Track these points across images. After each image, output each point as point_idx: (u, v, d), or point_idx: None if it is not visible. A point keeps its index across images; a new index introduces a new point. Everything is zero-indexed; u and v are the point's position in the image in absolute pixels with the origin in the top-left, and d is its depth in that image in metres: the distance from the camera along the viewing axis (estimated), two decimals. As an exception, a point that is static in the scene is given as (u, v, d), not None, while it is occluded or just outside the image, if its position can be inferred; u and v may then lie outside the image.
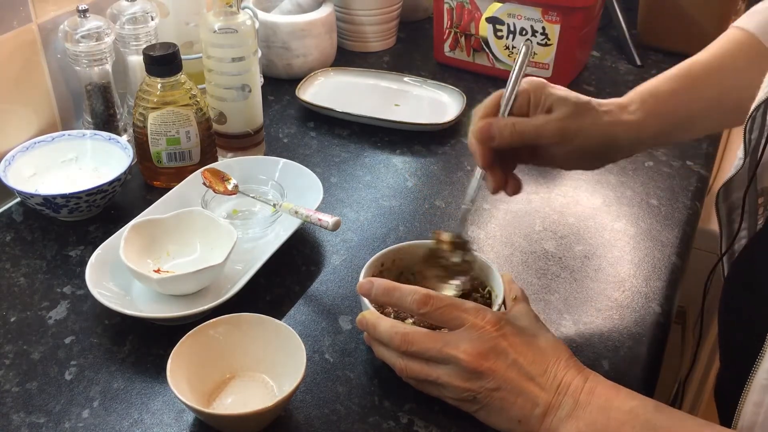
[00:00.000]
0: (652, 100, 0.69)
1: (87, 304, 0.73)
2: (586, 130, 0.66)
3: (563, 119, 0.66)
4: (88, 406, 0.63)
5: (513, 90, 0.67)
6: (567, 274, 0.80)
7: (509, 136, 0.66)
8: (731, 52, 0.71)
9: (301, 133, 1.04)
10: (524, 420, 0.58)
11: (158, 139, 0.86)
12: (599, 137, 0.67)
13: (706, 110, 0.71)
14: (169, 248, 0.77)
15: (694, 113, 0.71)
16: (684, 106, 0.70)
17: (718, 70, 0.70)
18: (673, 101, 0.69)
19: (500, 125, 0.66)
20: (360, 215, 0.88)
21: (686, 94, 0.70)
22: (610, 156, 0.71)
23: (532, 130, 0.66)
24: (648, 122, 0.68)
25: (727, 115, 0.72)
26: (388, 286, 0.63)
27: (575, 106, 0.66)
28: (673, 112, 0.69)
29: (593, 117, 0.67)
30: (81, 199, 0.80)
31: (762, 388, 0.52)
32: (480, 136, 0.66)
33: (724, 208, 0.70)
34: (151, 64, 0.84)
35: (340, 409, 0.64)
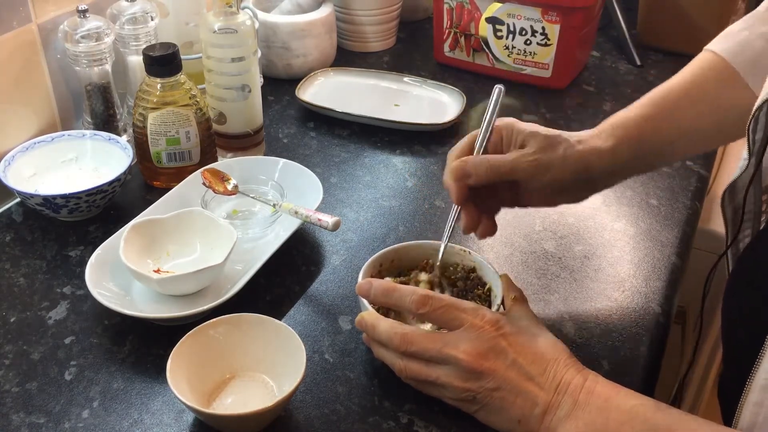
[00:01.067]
0: (621, 127, 0.70)
1: (87, 304, 0.73)
2: (559, 160, 0.68)
3: (536, 152, 0.67)
4: (88, 407, 0.63)
5: (487, 130, 0.69)
6: (567, 274, 0.80)
7: (485, 171, 0.67)
8: (702, 76, 0.71)
9: (300, 133, 1.04)
10: (524, 420, 0.58)
11: (158, 139, 0.86)
12: (573, 166, 0.68)
13: (682, 135, 0.71)
14: (169, 248, 0.77)
15: (669, 138, 0.71)
16: (655, 133, 0.70)
17: (689, 95, 0.71)
18: (643, 127, 0.70)
19: (475, 162, 0.68)
20: (360, 215, 0.88)
21: (657, 121, 0.70)
22: (590, 186, 0.71)
23: (507, 164, 0.67)
24: (620, 149, 0.69)
25: (706, 138, 0.73)
26: (387, 287, 0.64)
27: (546, 138, 0.68)
28: (645, 137, 0.69)
29: (564, 147, 0.68)
30: (81, 199, 0.80)
31: (762, 389, 0.52)
32: (456, 174, 0.68)
33: (729, 209, 0.70)
34: (151, 65, 0.84)
35: (340, 409, 0.64)
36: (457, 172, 0.68)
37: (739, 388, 0.54)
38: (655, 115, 0.70)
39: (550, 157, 0.67)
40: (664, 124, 0.70)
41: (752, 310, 0.60)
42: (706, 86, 0.71)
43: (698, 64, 0.73)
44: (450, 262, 0.72)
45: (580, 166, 0.68)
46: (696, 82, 0.71)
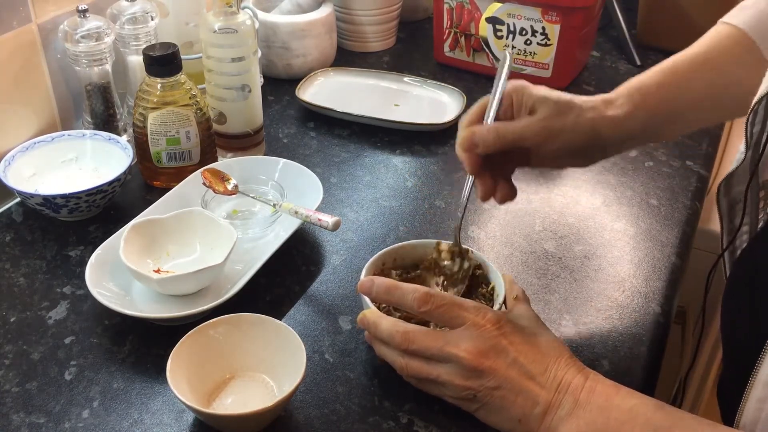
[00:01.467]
0: (638, 94, 0.69)
1: (87, 304, 0.73)
2: (569, 127, 0.67)
3: (545, 119, 0.66)
4: (88, 406, 0.63)
5: (496, 97, 0.68)
6: (567, 274, 0.80)
7: (493, 141, 0.66)
8: (719, 47, 0.70)
9: (300, 133, 1.04)
10: (524, 419, 0.58)
11: (158, 139, 0.86)
12: (583, 134, 0.67)
13: (694, 105, 0.70)
14: (169, 248, 0.77)
15: (681, 108, 0.70)
16: (671, 100, 0.69)
17: (705, 65, 0.70)
18: (660, 95, 0.69)
19: (483, 132, 0.67)
20: (360, 215, 0.88)
21: (673, 88, 0.69)
22: (599, 152, 0.71)
23: (516, 132, 0.67)
24: (634, 116, 0.68)
25: (715, 110, 0.72)
26: (389, 285, 0.63)
27: (556, 105, 0.67)
28: (660, 105, 0.69)
29: (575, 114, 0.67)
30: (81, 199, 0.80)
31: (765, 385, 0.51)
32: (465, 144, 0.67)
33: (725, 202, 0.70)
34: (151, 64, 0.84)
35: (340, 409, 0.64)
36: (466, 142, 0.67)
37: (740, 386, 0.54)
38: (672, 83, 0.69)
39: (559, 124, 0.66)
40: (679, 92, 0.69)
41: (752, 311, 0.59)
42: (722, 57, 0.70)
43: (714, 35, 0.72)
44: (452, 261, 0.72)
45: (590, 134, 0.67)
46: (712, 53, 0.71)
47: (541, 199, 0.92)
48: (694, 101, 0.70)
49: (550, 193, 0.93)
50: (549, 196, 0.92)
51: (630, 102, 0.68)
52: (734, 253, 0.70)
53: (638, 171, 0.97)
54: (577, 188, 0.94)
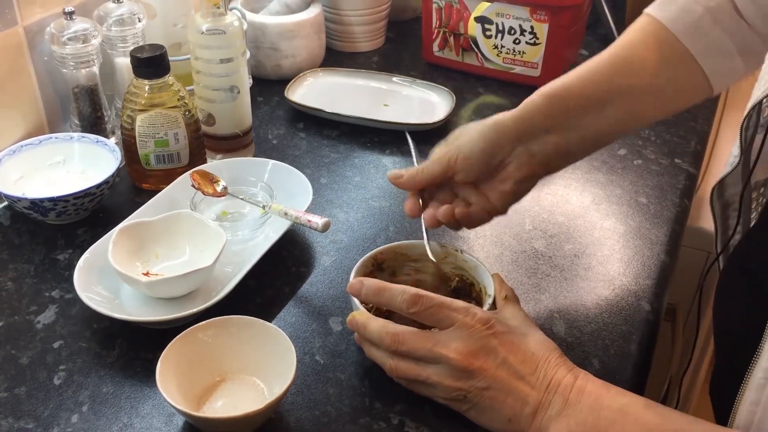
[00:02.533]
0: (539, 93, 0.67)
1: (75, 308, 0.73)
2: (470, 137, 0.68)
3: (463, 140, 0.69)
4: (77, 411, 0.63)
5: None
6: (557, 273, 0.80)
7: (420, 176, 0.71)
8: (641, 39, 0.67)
9: (290, 134, 1.03)
10: (514, 419, 0.58)
11: (146, 141, 0.86)
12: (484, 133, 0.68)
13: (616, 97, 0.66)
14: (157, 251, 0.76)
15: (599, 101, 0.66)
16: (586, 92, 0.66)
17: (627, 57, 0.67)
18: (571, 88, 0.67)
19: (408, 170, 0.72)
20: (350, 216, 0.88)
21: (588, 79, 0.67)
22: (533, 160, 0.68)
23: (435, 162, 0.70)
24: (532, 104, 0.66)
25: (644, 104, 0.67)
26: (378, 286, 0.63)
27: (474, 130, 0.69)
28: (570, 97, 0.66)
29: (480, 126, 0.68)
30: (68, 202, 0.80)
31: (759, 387, 0.52)
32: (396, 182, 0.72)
33: (718, 205, 0.70)
34: (139, 66, 0.83)
35: (331, 411, 0.63)
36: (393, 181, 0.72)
37: (734, 385, 0.54)
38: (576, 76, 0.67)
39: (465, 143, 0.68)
40: (597, 84, 0.66)
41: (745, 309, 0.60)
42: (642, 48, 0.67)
43: (636, 27, 0.69)
44: (442, 261, 0.72)
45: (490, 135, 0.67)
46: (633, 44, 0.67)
47: (530, 198, 0.91)
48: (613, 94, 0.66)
49: (540, 191, 0.93)
50: (538, 195, 0.92)
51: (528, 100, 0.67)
52: (727, 253, 0.70)
53: (627, 169, 0.98)
54: (567, 187, 0.94)
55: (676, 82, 0.65)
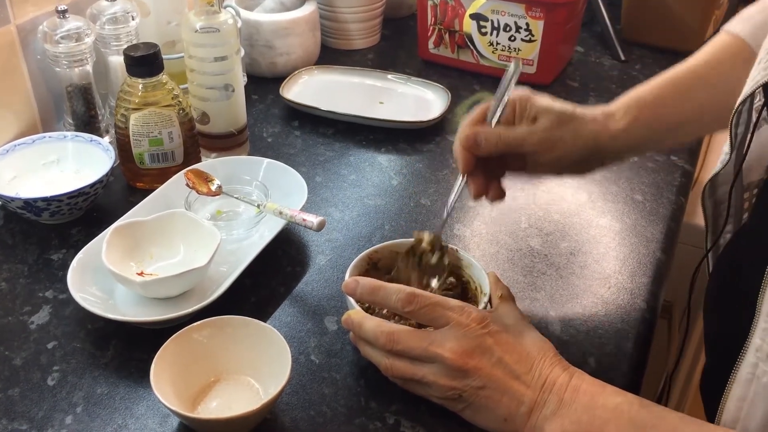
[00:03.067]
0: (636, 108, 0.70)
1: (69, 308, 0.73)
2: (569, 139, 0.69)
3: (547, 129, 0.68)
4: (72, 412, 0.63)
5: (502, 101, 0.69)
6: (553, 271, 0.80)
7: (494, 144, 0.68)
8: (720, 57, 0.71)
9: (285, 132, 1.03)
10: (510, 418, 0.58)
11: (140, 140, 0.86)
12: (582, 146, 0.69)
13: (693, 118, 0.71)
14: (152, 251, 0.76)
15: (680, 120, 0.71)
16: (670, 114, 0.70)
17: (706, 77, 0.71)
18: (658, 109, 0.70)
19: (487, 134, 0.68)
20: (345, 214, 0.87)
21: (671, 101, 0.70)
22: (598, 162, 0.73)
23: (518, 138, 0.68)
24: (633, 131, 0.70)
25: (715, 122, 0.72)
26: (373, 285, 0.63)
27: (558, 116, 0.68)
28: (658, 119, 0.70)
29: (576, 126, 0.69)
30: (62, 202, 0.79)
31: (745, 383, 0.52)
32: (466, 143, 0.68)
33: (710, 203, 0.70)
34: (132, 65, 0.83)
35: (326, 411, 0.63)
36: (468, 140, 0.68)
37: (723, 383, 0.54)
38: (670, 96, 0.70)
39: (560, 135, 0.68)
40: (679, 104, 0.70)
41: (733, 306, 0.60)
42: (722, 66, 0.71)
43: (715, 44, 0.73)
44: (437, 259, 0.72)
45: (590, 144, 0.69)
46: (713, 62, 0.71)
47: (526, 196, 0.92)
48: (694, 114, 0.71)
49: (536, 189, 0.93)
50: (534, 193, 0.92)
51: (628, 115, 0.69)
52: (718, 251, 0.70)
53: (623, 166, 0.97)
54: (563, 184, 0.94)
55: None
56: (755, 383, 0.51)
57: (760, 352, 0.50)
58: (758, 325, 0.51)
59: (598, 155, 0.71)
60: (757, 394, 0.51)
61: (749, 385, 0.51)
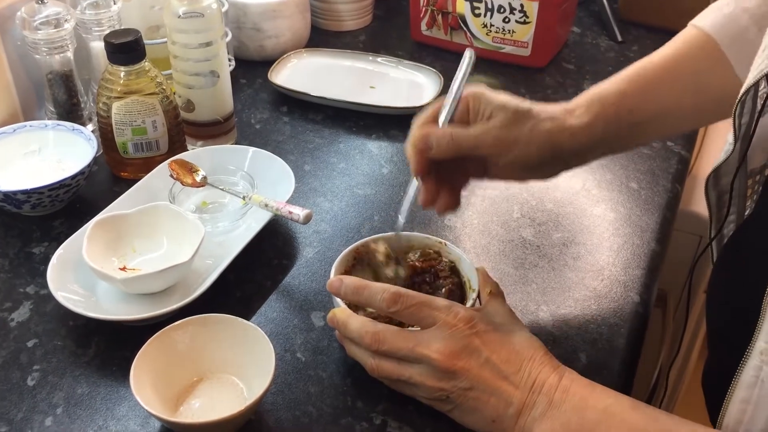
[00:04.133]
0: (598, 103, 0.66)
1: (51, 304, 0.71)
2: (524, 138, 0.63)
3: (501, 128, 0.63)
4: (52, 413, 0.61)
5: (454, 99, 0.65)
6: (545, 263, 0.78)
7: (446, 146, 0.63)
8: (685, 52, 0.68)
9: (273, 118, 1.01)
10: (498, 419, 0.57)
11: (123, 129, 0.84)
12: (540, 145, 0.64)
13: (661, 114, 0.67)
14: (135, 244, 0.74)
15: (644, 117, 0.67)
16: (633, 110, 0.66)
17: (672, 72, 0.67)
18: (620, 104, 0.66)
19: (438, 135, 0.64)
20: (334, 205, 0.86)
21: (635, 97, 0.66)
22: (560, 164, 0.67)
23: (470, 139, 0.64)
24: (593, 126, 0.65)
25: (685, 118, 0.69)
26: (358, 285, 0.62)
27: (514, 113, 0.63)
28: (621, 115, 0.66)
29: (532, 124, 0.64)
30: (43, 194, 0.78)
31: (749, 386, 0.50)
32: (417, 144, 0.64)
33: (714, 194, 0.68)
34: (113, 52, 0.81)
35: (312, 411, 0.62)
36: (419, 142, 0.64)
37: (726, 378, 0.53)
38: (635, 92, 0.66)
39: (515, 134, 0.63)
40: (643, 101, 0.66)
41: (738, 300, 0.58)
42: (688, 62, 0.68)
43: (682, 39, 0.69)
44: (426, 254, 0.71)
45: (547, 145, 0.64)
46: (678, 58, 0.68)
47: (519, 185, 0.90)
48: (661, 110, 0.67)
49: (529, 177, 0.91)
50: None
51: (589, 112, 0.65)
52: (721, 242, 0.68)
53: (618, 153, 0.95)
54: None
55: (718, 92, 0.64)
56: (759, 387, 0.50)
57: (765, 355, 0.49)
58: (763, 328, 0.49)
59: (560, 155, 0.66)
60: (761, 398, 0.50)
61: (753, 389, 0.50)
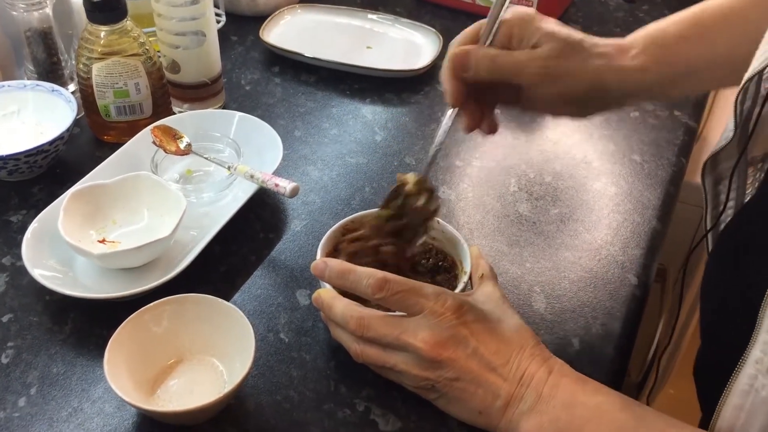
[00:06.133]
0: (656, 45, 0.61)
1: (27, 277, 0.68)
2: (572, 72, 0.59)
3: (548, 58, 0.58)
4: (25, 394, 0.60)
5: (496, 18, 0.59)
6: (540, 240, 0.75)
7: (486, 68, 0.59)
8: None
9: (264, 79, 0.97)
10: (485, 411, 0.55)
11: (104, 91, 0.80)
12: (587, 82, 0.60)
13: (713, 62, 0.62)
14: (115, 216, 0.72)
15: (700, 65, 0.62)
16: (691, 56, 0.62)
17: (730, 19, 0.62)
18: (680, 49, 0.61)
19: (479, 55, 0.59)
20: (324, 174, 0.82)
21: (695, 42, 0.62)
22: (599, 104, 0.64)
23: (513, 65, 0.59)
24: (647, 70, 0.60)
25: (732, 71, 0.63)
26: (343, 269, 0.59)
27: (564, 44, 0.59)
28: (678, 61, 0.61)
29: (583, 59, 0.59)
30: (20, 160, 0.75)
31: (743, 393, 0.48)
32: (455, 64, 0.59)
33: (710, 179, 0.65)
34: (92, 11, 0.76)
35: (294, 395, 0.60)
36: (457, 62, 0.59)
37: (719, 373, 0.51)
38: (694, 36, 0.62)
39: (563, 67, 0.59)
40: (699, 47, 0.62)
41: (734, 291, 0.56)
42: (750, 11, 0.62)
43: None
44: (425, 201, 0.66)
45: (595, 83, 0.60)
46: (739, 5, 0.63)
47: (518, 155, 0.86)
48: (713, 59, 0.62)
49: (529, 147, 0.87)
50: (527, 151, 0.87)
51: (645, 53, 0.60)
52: (718, 229, 0.65)
53: (622, 122, 0.91)
54: (557, 143, 0.88)
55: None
56: (753, 395, 0.48)
57: (760, 364, 0.47)
58: (759, 338, 0.47)
59: (604, 95, 0.61)
60: (755, 406, 0.48)
61: (747, 396, 0.48)
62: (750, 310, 0.49)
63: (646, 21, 0.64)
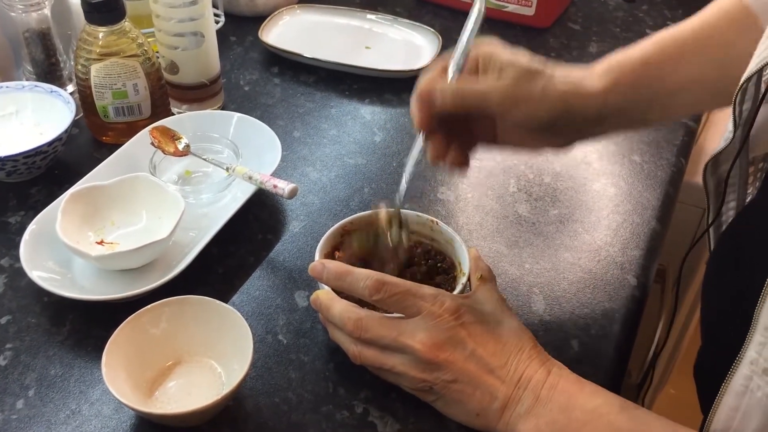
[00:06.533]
0: (618, 68, 0.61)
1: (26, 278, 0.68)
2: (535, 96, 0.59)
3: (510, 84, 0.59)
4: (23, 396, 0.59)
5: (462, 53, 0.60)
6: (540, 241, 0.75)
7: (451, 99, 0.59)
8: (720, 24, 0.62)
9: (263, 79, 0.97)
10: (482, 413, 0.55)
11: (103, 92, 0.80)
12: (552, 105, 0.59)
13: (684, 87, 0.62)
14: (113, 217, 0.72)
15: (668, 88, 0.62)
16: (656, 79, 0.62)
17: (702, 44, 0.62)
18: (642, 71, 0.61)
19: (443, 88, 0.59)
20: (323, 175, 0.82)
21: (659, 65, 0.62)
22: (574, 131, 0.63)
23: (477, 94, 0.59)
24: (610, 92, 0.60)
25: (706, 95, 0.64)
26: (340, 270, 0.59)
27: (526, 70, 0.59)
28: (642, 84, 0.61)
29: (545, 83, 0.59)
30: (18, 161, 0.74)
31: (738, 394, 0.48)
32: (422, 98, 0.60)
33: (712, 181, 0.65)
34: (90, 12, 0.76)
35: (292, 397, 0.60)
36: (424, 96, 0.60)
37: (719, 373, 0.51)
38: (658, 60, 0.62)
39: (526, 91, 0.59)
40: (666, 70, 0.62)
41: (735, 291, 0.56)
42: (718, 33, 0.63)
43: (717, 8, 0.64)
44: (415, 233, 0.68)
45: (559, 105, 0.60)
46: (708, 28, 0.63)
47: (517, 155, 0.86)
48: (684, 82, 0.62)
49: (527, 148, 0.87)
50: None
51: (607, 76, 0.61)
52: (719, 229, 0.65)
53: (622, 123, 0.91)
54: (556, 143, 0.88)
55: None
56: (748, 396, 0.48)
57: (755, 365, 0.47)
58: (754, 339, 0.47)
59: (572, 120, 0.61)
60: (750, 407, 0.48)
61: (742, 397, 0.48)
62: (748, 311, 0.49)
63: (645, 21, 0.64)
